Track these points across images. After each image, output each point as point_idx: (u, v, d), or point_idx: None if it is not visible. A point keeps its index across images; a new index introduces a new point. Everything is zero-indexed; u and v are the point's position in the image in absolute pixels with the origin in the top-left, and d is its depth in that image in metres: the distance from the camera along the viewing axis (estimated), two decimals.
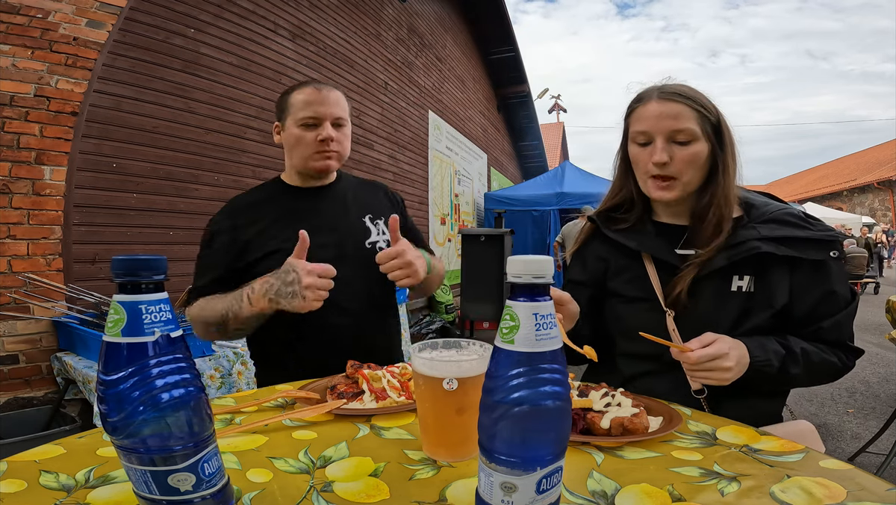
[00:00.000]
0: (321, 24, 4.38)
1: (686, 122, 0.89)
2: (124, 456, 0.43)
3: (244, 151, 3.49)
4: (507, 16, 8.70)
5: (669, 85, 0.94)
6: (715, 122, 0.91)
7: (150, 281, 0.42)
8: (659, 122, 0.90)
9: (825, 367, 0.89)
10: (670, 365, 0.90)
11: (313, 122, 1.16)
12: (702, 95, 0.92)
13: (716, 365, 0.79)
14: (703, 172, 0.92)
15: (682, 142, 0.90)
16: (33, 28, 2.31)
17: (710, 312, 0.90)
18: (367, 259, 1.15)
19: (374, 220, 1.25)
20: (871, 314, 6.86)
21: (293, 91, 1.21)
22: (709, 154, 0.91)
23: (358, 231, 1.23)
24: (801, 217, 0.92)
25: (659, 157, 0.90)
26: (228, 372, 2.19)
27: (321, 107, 1.15)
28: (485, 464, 0.43)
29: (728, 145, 0.92)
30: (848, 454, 2.52)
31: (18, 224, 2.29)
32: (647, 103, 0.93)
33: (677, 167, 0.90)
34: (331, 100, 1.17)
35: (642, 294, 0.97)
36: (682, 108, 0.89)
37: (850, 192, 21.57)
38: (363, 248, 1.21)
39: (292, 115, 1.18)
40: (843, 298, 0.90)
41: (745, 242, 0.88)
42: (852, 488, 0.52)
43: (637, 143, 0.95)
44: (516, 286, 0.42)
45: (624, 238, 0.99)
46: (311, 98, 1.16)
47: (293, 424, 0.74)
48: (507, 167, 11.77)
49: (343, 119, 1.20)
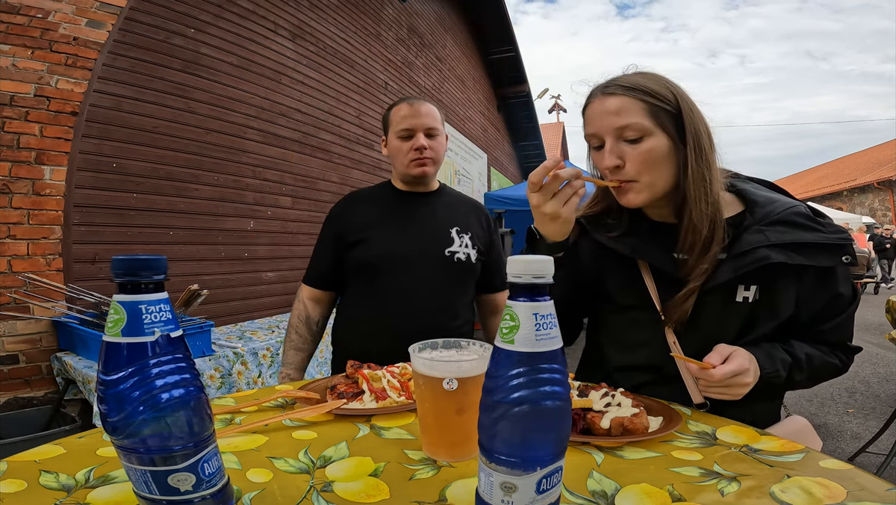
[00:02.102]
0: (321, 24, 4.38)
1: (630, 117, 0.79)
2: (124, 456, 0.43)
3: (244, 151, 3.49)
4: (507, 16, 8.70)
5: (616, 77, 0.84)
6: (673, 111, 0.80)
7: (150, 281, 0.42)
8: (602, 120, 0.81)
9: (827, 368, 0.86)
10: (669, 377, 0.86)
11: (408, 133, 1.31)
12: (655, 82, 0.81)
13: (735, 382, 0.74)
14: (668, 169, 0.82)
15: (632, 139, 0.80)
16: (33, 28, 2.32)
17: (715, 326, 0.84)
18: (443, 264, 1.31)
19: (461, 232, 1.37)
20: (871, 314, 6.86)
21: (393, 107, 1.37)
22: (670, 148, 0.80)
23: (441, 238, 1.34)
24: (809, 217, 0.82)
25: (608, 160, 0.81)
26: (228, 372, 2.19)
27: (414, 119, 1.31)
28: (485, 464, 0.43)
29: (690, 136, 0.79)
30: (848, 454, 2.52)
31: (18, 224, 2.29)
32: (592, 102, 0.84)
33: (632, 168, 0.80)
34: (422, 112, 1.32)
35: (637, 301, 0.89)
36: (626, 101, 0.79)
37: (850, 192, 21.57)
38: (442, 255, 1.32)
39: (392, 129, 1.34)
40: (846, 299, 0.85)
41: (753, 251, 0.79)
42: (852, 488, 0.52)
43: (593, 147, 0.86)
44: (516, 286, 0.42)
45: (615, 244, 0.89)
46: (406, 112, 1.32)
47: (293, 424, 0.74)
48: (507, 167, 11.77)
49: (435, 129, 1.34)
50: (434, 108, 1.36)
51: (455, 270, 1.33)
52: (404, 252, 1.29)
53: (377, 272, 1.30)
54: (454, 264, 1.32)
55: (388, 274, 1.29)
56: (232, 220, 3.39)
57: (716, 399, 0.80)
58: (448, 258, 1.32)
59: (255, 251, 3.57)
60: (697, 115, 0.82)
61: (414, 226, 1.33)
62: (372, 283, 1.31)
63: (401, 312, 1.28)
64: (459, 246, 1.34)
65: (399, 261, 1.29)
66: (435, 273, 1.31)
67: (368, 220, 1.34)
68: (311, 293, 1.41)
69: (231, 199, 3.39)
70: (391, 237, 1.31)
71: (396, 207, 1.36)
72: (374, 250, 1.29)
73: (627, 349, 0.93)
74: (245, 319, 3.40)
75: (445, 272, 1.31)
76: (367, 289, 1.32)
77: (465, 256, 1.34)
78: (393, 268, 1.29)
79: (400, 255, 1.29)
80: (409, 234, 1.32)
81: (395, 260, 1.29)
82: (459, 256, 1.34)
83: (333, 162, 4.49)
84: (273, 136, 3.76)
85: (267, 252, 3.67)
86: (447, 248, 1.33)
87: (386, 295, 1.29)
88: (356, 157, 4.86)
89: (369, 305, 1.31)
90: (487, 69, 9.68)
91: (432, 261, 1.31)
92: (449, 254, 1.33)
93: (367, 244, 1.30)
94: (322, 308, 1.42)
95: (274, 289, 3.75)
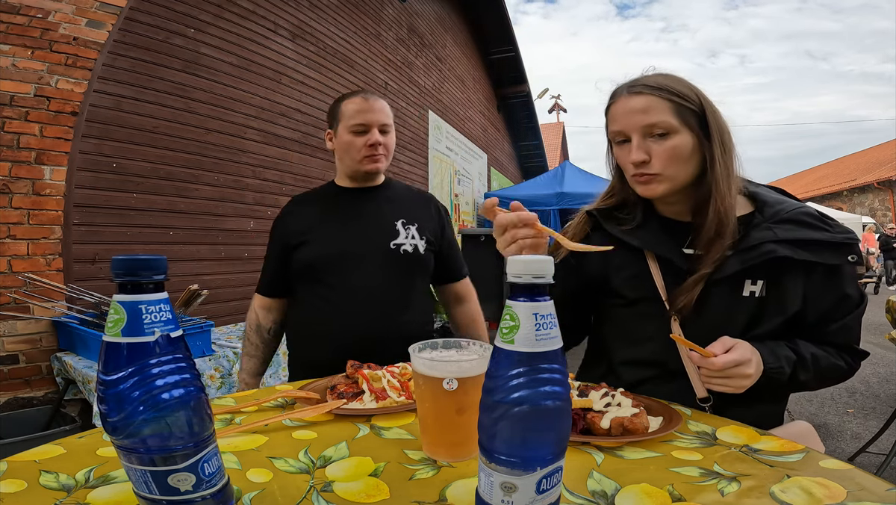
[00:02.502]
0: (321, 24, 4.38)
1: (659, 115, 0.83)
2: (124, 456, 0.43)
3: (244, 151, 3.49)
4: (507, 16, 8.70)
5: (641, 77, 0.89)
6: (697, 111, 0.84)
7: (150, 281, 0.42)
8: (630, 118, 0.85)
9: (833, 370, 0.86)
10: (673, 372, 0.87)
11: (362, 128, 1.28)
12: (679, 84, 0.86)
13: (737, 372, 0.75)
14: (692, 165, 0.86)
15: (659, 135, 0.84)
16: (33, 28, 2.31)
17: (720, 318, 0.85)
18: (389, 258, 1.29)
19: (406, 224, 1.34)
20: (871, 314, 6.84)
21: (343, 100, 1.33)
22: (695, 145, 0.84)
23: (387, 231, 1.32)
24: (817, 217, 0.86)
25: (635, 155, 0.85)
26: (228, 372, 2.19)
27: (370, 114, 1.28)
28: (485, 464, 0.43)
29: (715, 134, 0.84)
30: (848, 454, 2.52)
31: (18, 224, 2.29)
32: (617, 100, 0.88)
33: (658, 163, 0.84)
34: (377, 108, 1.29)
35: (644, 295, 0.91)
36: (653, 100, 0.84)
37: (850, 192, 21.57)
38: (387, 248, 1.30)
39: (343, 123, 1.30)
40: (853, 300, 0.86)
41: (761, 245, 0.82)
42: (852, 488, 0.52)
43: (616, 142, 0.90)
44: (516, 286, 0.42)
45: (627, 236, 0.93)
46: (360, 107, 1.28)
47: (293, 424, 0.73)
48: (507, 167, 11.77)
49: (388, 126, 1.32)
50: (387, 104, 1.34)
51: (402, 263, 1.31)
52: (348, 249, 1.27)
53: (321, 272, 1.28)
54: (401, 256, 1.30)
55: (332, 273, 1.27)
56: (232, 220, 3.39)
57: (719, 395, 0.81)
58: (394, 251, 1.30)
59: (255, 251, 3.56)
60: (719, 115, 0.86)
61: (357, 222, 1.31)
62: (318, 284, 1.29)
63: (349, 311, 1.25)
64: (405, 238, 1.32)
65: (343, 259, 1.27)
66: (381, 268, 1.28)
67: (310, 222, 1.32)
68: (261, 301, 1.41)
69: (231, 199, 3.39)
70: (333, 236, 1.29)
71: (339, 206, 1.34)
72: (316, 251, 1.28)
73: (633, 343, 0.94)
74: (245, 319, 3.40)
75: (392, 266, 1.29)
76: (314, 290, 1.30)
77: (413, 248, 1.32)
78: (338, 266, 1.27)
79: (343, 252, 1.27)
80: (352, 230, 1.30)
81: (339, 258, 1.27)
82: (406, 247, 1.31)
83: (333, 162, 4.49)
84: (273, 136, 3.76)
85: None
86: (392, 241, 1.31)
87: (332, 294, 1.27)
88: None
89: (317, 307, 1.29)
90: (487, 69, 9.68)
91: (377, 256, 1.29)
92: (395, 246, 1.30)
93: (308, 246, 1.29)
94: (273, 314, 1.41)
95: None
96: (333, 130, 1.35)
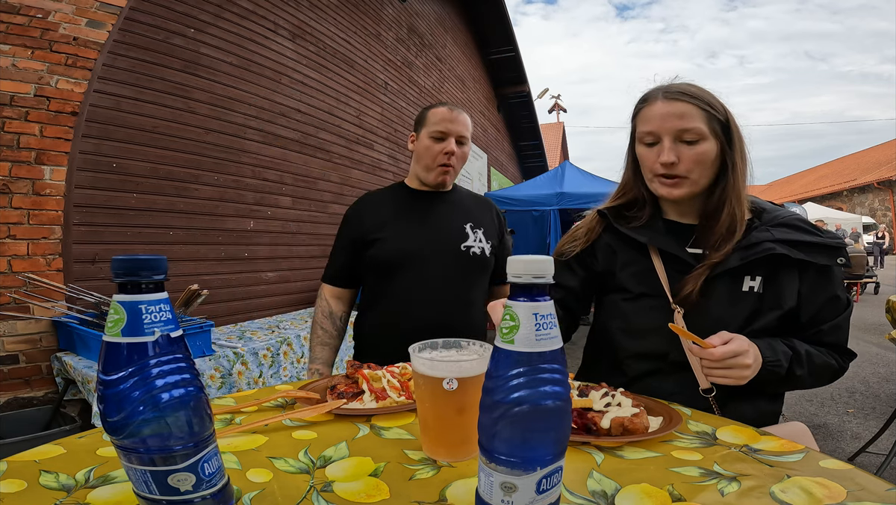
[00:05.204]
0: (321, 24, 4.38)
1: (693, 122, 0.89)
2: (124, 456, 0.43)
3: (244, 151, 3.49)
4: (507, 16, 8.70)
5: (675, 84, 0.94)
6: (723, 121, 0.91)
7: (150, 281, 0.42)
8: (665, 122, 0.90)
9: (825, 368, 0.91)
10: (676, 364, 0.91)
11: (441, 136, 1.35)
12: (708, 94, 0.92)
13: (736, 362, 0.79)
14: (712, 171, 0.92)
15: (690, 141, 0.90)
16: (33, 28, 2.31)
17: (721, 312, 0.90)
18: (459, 259, 1.36)
19: (475, 227, 1.42)
20: (871, 314, 6.86)
21: (431, 108, 1.41)
22: (718, 153, 0.91)
23: (458, 234, 1.39)
24: (810, 224, 0.93)
25: (666, 157, 0.90)
26: (228, 372, 2.19)
27: (451, 124, 1.35)
28: (485, 464, 0.43)
29: (737, 144, 0.91)
30: (848, 454, 2.52)
31: (18, 224, 2.29)
32: (652, 103, 0.93)
33: (685, 166, 0.90)
34: (459, 119, 1.37)
35: (648, 290, 0.96)
36: (689, 108, 0.89)
37: (850, 192, 21.57)
38: (458, 250, 1.37)
39: (426, 128, 1.38)
40: (843, 302, 0.92)
41: (760, 244, 0.89)
42: (852, 488, 0.52)
43: (644, 143, 0.95)
44: (516, 286, 0.42)
45: (634, 233, 0.99)
46: (444, 116, 1.36)
47: (293, 424, 0.74)
48: (507, 167, 11.77)
49: (466, 138, 1.39)
50: (468, 117, 1.42)
51: (471, 265, 1.38)
52: (420, 249, 1.34)
53: (394, 269, 1.35)
54: (470, 258, 1.37)
55: (404, 270, 1.34)
56: (232, 220, 3.39)
57: (722, 388, 0.86)
58: (464, 252, 1.37)
59: (255, 251, 3.57)
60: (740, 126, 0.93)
61: (429, 223, 1.38)
62: (389, 280, 1.36)
63: (417, 308, 1.32)
64: (474, 241, 1.40)
65: (415, 257, 1.34)
66: (451, 268, 1.36)
67: (384, 220, 1.38)
68: (332, 291, 1.46)
69: (231, 199, 3.39)
70: (407, 235, 1.36)
71: (411, 206, 1.41)
72: (390, 248, 1.34)
73: (636, 336, 0.97)
74: (245, 319, 3.40)
75: (461, 267, 1.37)
76: (385, 285, 1.37)
77: (480, 250, 1.40)
78: (409, 264, 1.34)
79: (416, 252, 1.34)
80: (425, 231, 1.37)
81: (412, 257, 1.34)
82: (475, 250, 1.39)
83: (333, 162, 4.49)
84: (273, 136, 3.76)
85: (267, 252, 3.67)
86: (462, 244, 1.38)
87: (403, 291, 1.34)
88: (356, 157, 4.86)
89: (387, 301, 1.36)
90: (487, 69, 9.68)
91: (448, 256, 1.36)
92: (464, 249, 1.38)
93: (384, 242, 1.35)
94: (343, 304, 1.47)
95: (274, 289, 3.75)
96: (416, 133, 1.42)
